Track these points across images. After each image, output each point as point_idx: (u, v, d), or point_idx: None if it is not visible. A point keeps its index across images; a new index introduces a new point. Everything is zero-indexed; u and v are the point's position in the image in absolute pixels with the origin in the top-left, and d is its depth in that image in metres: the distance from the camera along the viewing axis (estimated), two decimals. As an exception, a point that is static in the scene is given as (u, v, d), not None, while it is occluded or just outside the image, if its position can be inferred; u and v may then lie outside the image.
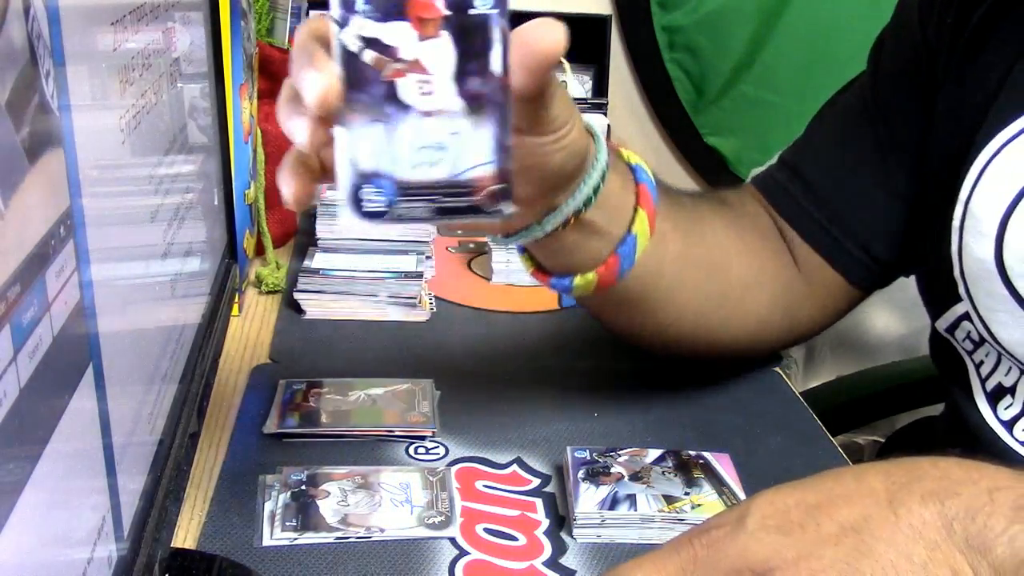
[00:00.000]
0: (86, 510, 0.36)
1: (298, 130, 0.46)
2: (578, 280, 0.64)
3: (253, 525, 0.61)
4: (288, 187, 0.49)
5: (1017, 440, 0.67)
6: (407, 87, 0.44)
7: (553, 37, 0.47)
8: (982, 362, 0.70)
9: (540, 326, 0.91)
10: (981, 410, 0.70)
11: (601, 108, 1.42)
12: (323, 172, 0.49)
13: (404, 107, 0.44)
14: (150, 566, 0.43)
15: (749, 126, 1.72)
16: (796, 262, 0.80)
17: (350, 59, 0.43)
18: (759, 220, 0.80)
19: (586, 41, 1.55)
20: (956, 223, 0.67)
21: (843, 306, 0.82)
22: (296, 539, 0.59)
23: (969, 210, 0.66)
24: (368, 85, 0.43)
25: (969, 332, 0.69)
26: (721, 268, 0.74)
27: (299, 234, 1.06)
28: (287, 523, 0.60)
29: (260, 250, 0.97)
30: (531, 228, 0.60)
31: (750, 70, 1.70)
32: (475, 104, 0.45)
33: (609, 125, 1.34)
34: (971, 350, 0.70)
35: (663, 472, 0.67)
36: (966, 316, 0.68)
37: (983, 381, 0.70)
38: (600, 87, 1.55)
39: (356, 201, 0.43)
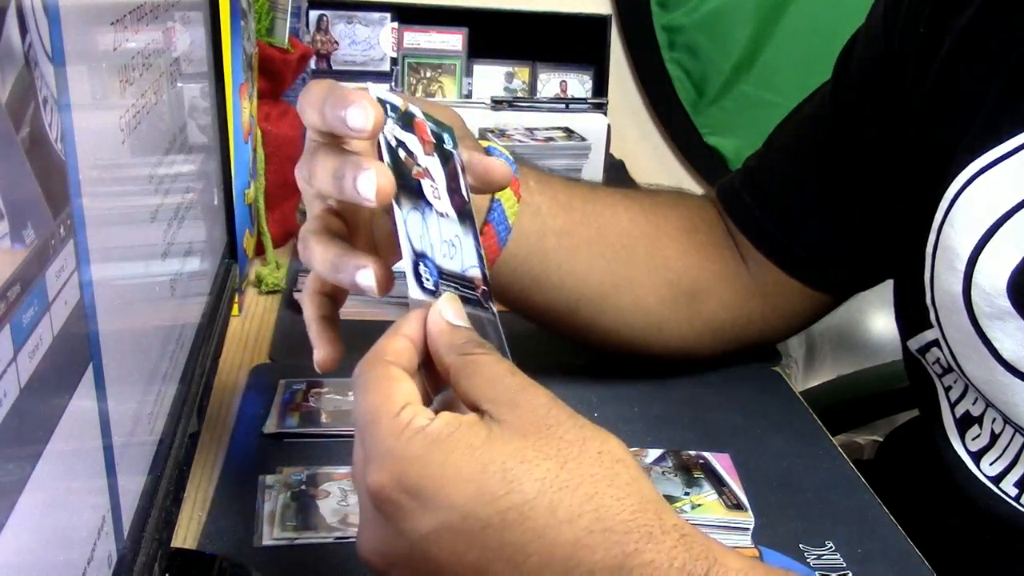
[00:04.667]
0: (86, 510, 0.36)
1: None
2: None
3: (253, 525, 0.61)
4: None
5: (984, 474, 0.66)
6: (427, 188, 0.49)
7: (502, 174, 0.55)
8: (950, 387, 0.69)
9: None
10: (949, 438, 0.68)
11: (601, 108, 1.42)
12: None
13: (428, 204, 0.49)
14: (150, 566, 0.43)
15: (749, 126, 1.72)
16: (747, 266, 0.79)
17: (393, 153, 0.48)
18: (694, 216, 0.80)
19: (586, 41, 1.55)
20: (929, 250, 0.65)
21: (812, 309, 0.81)
22: (296, 539, 0.59)
23: (941, 240, 0.64)
24: (405, 179, 0.48)
25: (939, 358, 0.68)
26: (622, 250, 0.75)
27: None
28: (287, 523, 0.60)
29: (260, 250, 0.97)
30: None
31: (750, 70, 1.70)
32: (461, 215, 0.51)
33: (609, 125, 1.34)
34: (940, 374, 0.69)
35: (663, 472, 0.67)
36: (936, 343, 0.67)
37: (952, 406, 0.69)
38: (600, 87, 1.55)
39: (416, 276, 0.47)
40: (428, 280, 0.47)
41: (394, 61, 1.49)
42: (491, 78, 1.53)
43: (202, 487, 0.65)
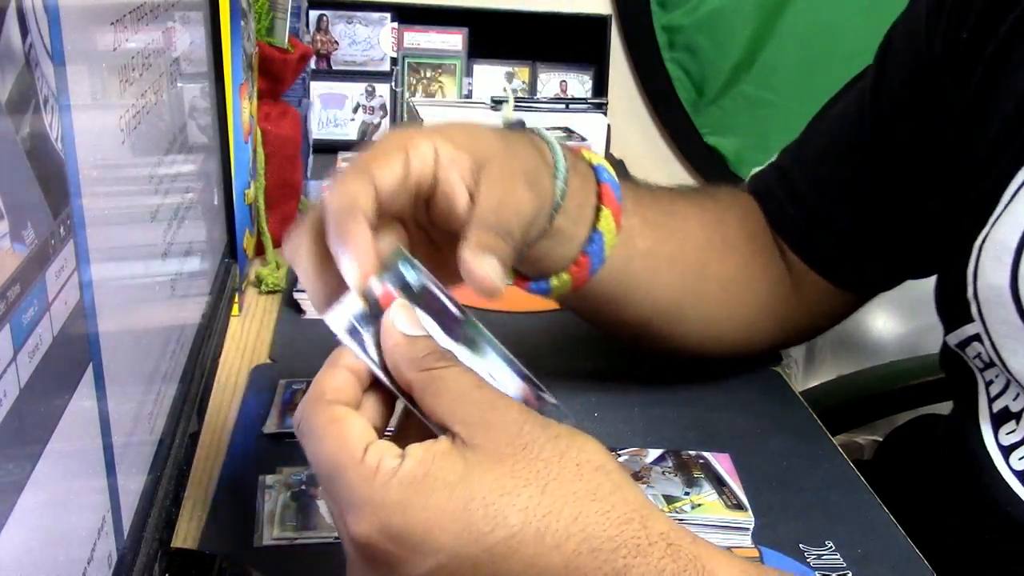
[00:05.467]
0: (86, 510, 0.36)
1: None
2: (554, 282, 0.66)
3: (253, 525, 0.61)
4: None
5: (1011, 468, 0.66)
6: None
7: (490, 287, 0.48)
8: (991, 382, 0.68)
9: (540, 326, 0.91)
10: (983, 430, 0.68)
11: (601, 108, 1.42)
12: None
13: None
14: (150, 566, 0.43)
15: (749, 126, 1.72)
16: (787, 265, 0.79)
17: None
18: (749, 220, 0.80)
19: (586, 41, 1.55)
20: (978, 243, 0.64)
21: (837, 309, 0.81)
22: (296, 539, 0.59)
23: (991, 235, 0.64)
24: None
25: (979, 353, 0.67)
26: (697, 265, 0.74)
27: (299, 234, 1.06)
28: (287, 523, 0.60)
29: (260, 250, 0.97)
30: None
31: (750, 70, 1.70)
32: (468, 343, 0.47)
33: (609, 125, 1.34)
34: (982, 368, 0.68)
35: (663, 472, 0.67)
36: (977, 337, 0.66)
37: (991, 401, 0.68)
38: (600, 87, 1.55)
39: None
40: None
41: (394, 61, 1.49)
42: (491, 78, 1.53)
43: (202, 487, 0.65)
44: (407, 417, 0.45)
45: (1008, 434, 0.67)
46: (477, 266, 0.47)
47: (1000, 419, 0.67)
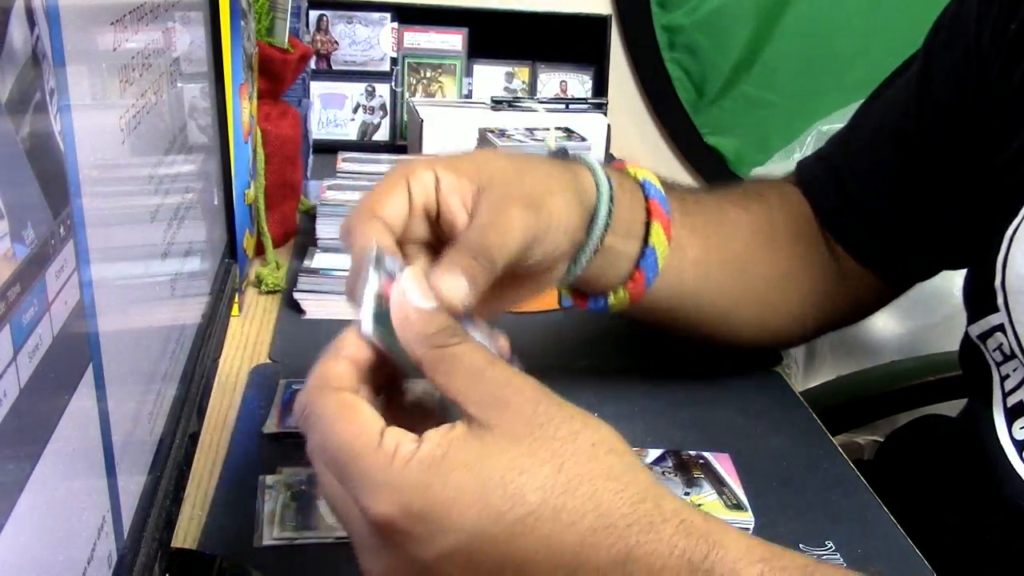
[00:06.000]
0: (86, 510, 0.36)
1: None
2: (612, 299, 0.69)
3: (253, 525, 0.61)
4: None
5: None
6: None
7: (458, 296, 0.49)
8: (1008, 376, 0.68)
9: (540, 326, 0.91)
10: (996, 425, 0.68)
11: (601, 108, 1.42)
12: None
13: None
14: (150, 566, 0.43)
15: (749, 126, 1.72)
16: (833, 255, 0.80)
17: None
18: (794, 213, 0.80)
19: (586, 41, 1.55)
20: (1009, 233, 0.65)
21: (875, 298, 0.83)
22: (296, 539, 0.59)
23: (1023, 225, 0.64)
24: None
25: (1001, 344, 0.67)
26: (745, 267, 0.76)
27: (299, 234, 1.06)
28: (287, 523, 0.60)
29: (260, 250, 0.97)
30: (570, 271, 0.65)
31: (750, 70, 1.70)
32: None
33: (609, 125, 1.34)
34: (1000, 361, 0.69)
35: (663, 472, 0.67)
36: (1000, 328, 0.67)
37: (1005, 395, 0.68)
38: (600, 87, 1.55)
39: None
40: None
41: (394, 61, 1.49)
42: (491, 78, 1.53)
43: (202, 487, 0.65)
44: (386, 409, 0.45)
45: (1022, 428, 0.67)
46: (440, 284, 0.48)
47: (1015, 413, 0.67)
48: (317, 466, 0.43)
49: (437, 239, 0.55)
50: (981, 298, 0.68)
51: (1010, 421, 0.67)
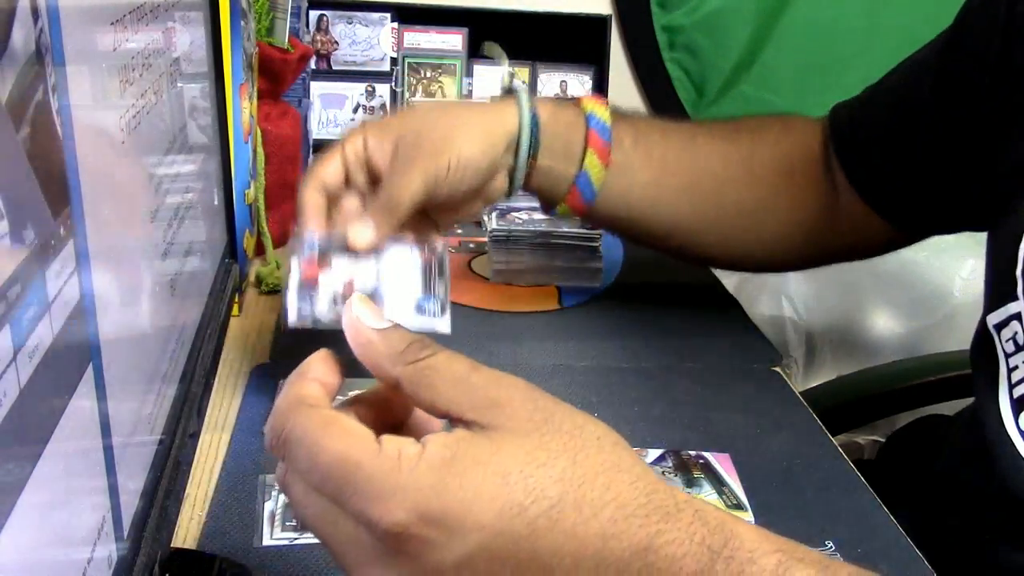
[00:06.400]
0: (86, 510, 0.36)
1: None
2: (559, 208, 0.81)
3: (253, 525, 0.61)
4: None
5: None
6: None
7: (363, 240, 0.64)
8: (1016, 367, 0.68)
9: (540, 326, 0.91)
10: (1003, 415, 0.68)
11: (601, 108, 1.42)
12: None
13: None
14: (150, 566, 0.43)
15: (749, 126, 1.72)
16: (838, 196, 0.83)
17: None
18: (789, 147, 0.84)
19: (586, 41, 1.55)
20: None
21: (879, 239, 0.85)
22: (296, 539, 0.59)
23: None
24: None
25: (1016, 334, 0.67)
26: (713, 195, 0.83)
27: (299, 234, 1.06)
28: (287, 523, 0.60)
29: (260, 250, 0.97)
30: (512, 188, 0.77)
31: (750, 70, 1.70)
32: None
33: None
34: (1011, 352, 0.68)
35: (663, 472, 0.67)
36: (1018, 316, 0.67)
37: (1011, 387, 0.68)
38: (600, 87, 1.55)
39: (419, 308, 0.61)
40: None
41: (394, 61, 1.49)
42: (491, 78, 1.53)
43: (202, 487, 0.65)
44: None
45: None
46: (349, 231, 0.63)
47: (1020, 405, 0.67)
48: (298, 491, 0.41)
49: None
50: (1001, 286, 0.68)
51: (1017, 412, 0.67)
